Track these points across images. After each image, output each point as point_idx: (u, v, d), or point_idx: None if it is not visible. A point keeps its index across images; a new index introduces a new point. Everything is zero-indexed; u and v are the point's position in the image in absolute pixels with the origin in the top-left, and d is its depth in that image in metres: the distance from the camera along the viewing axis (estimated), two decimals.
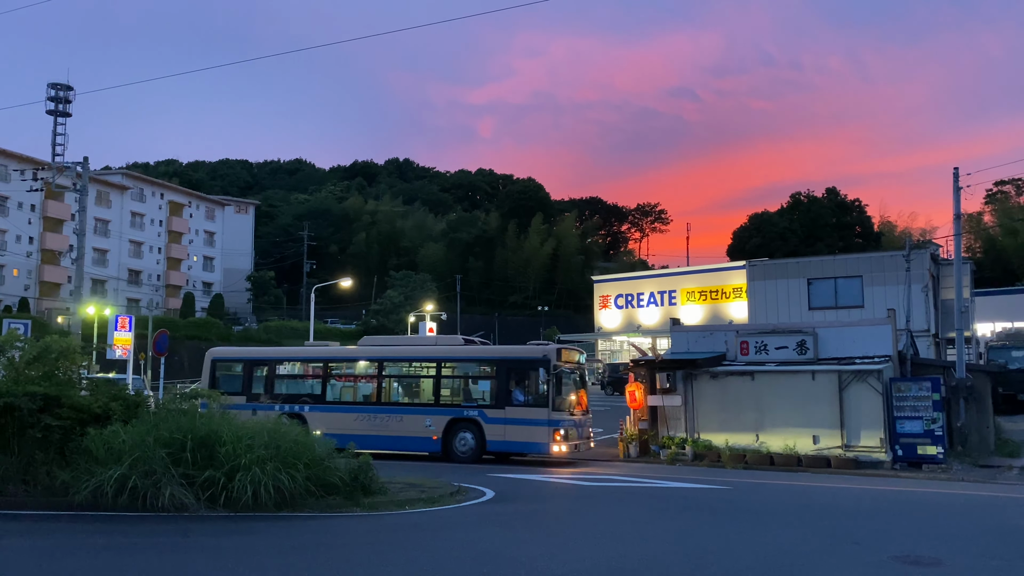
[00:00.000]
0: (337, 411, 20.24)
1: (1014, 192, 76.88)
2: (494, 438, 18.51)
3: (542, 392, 18.20)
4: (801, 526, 11.04)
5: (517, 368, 18.84)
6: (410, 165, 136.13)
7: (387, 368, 20.59)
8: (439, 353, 20.18)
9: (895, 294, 30.14)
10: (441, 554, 8.78)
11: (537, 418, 18.08)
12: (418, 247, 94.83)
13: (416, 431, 19.27)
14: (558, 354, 18.47)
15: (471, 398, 19.34)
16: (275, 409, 19.99)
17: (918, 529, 10.80)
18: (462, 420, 18.92)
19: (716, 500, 13.64)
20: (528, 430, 18.11)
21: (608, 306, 55.50)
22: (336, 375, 21.29)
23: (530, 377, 18.49)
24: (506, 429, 18.37)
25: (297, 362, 22.52)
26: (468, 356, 20.14)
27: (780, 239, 79.43)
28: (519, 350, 19.72)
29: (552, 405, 17.99)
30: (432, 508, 11.80)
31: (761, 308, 38.48)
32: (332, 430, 19.06)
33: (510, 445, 18.53)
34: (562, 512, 11.96)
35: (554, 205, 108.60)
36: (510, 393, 18.62)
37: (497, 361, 19.29)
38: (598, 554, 8.86)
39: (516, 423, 18.28)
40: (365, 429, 19.35)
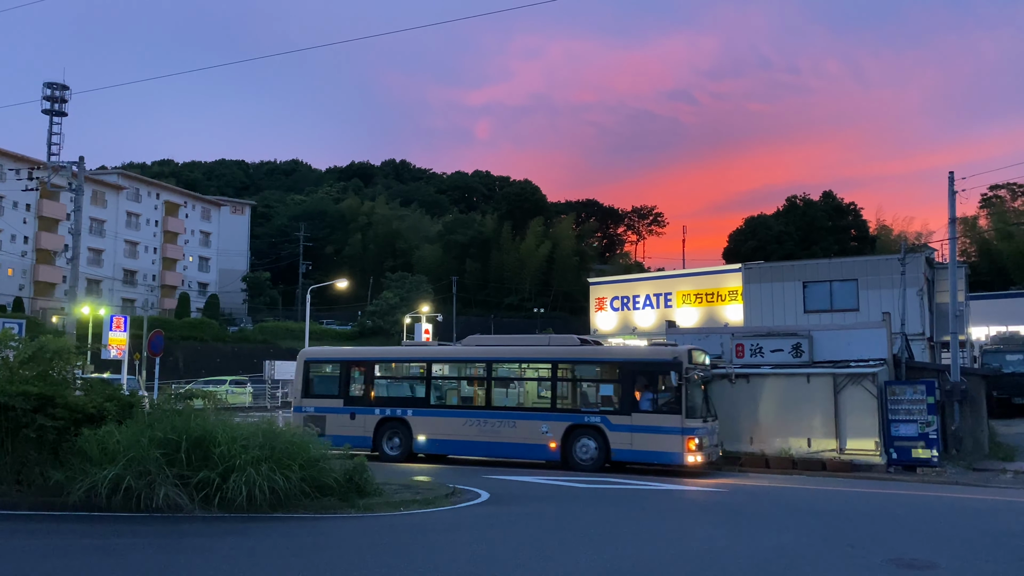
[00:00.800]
0: (443, 415, 19.12)
1: (1009, 196, 77.12)
2: (620, 446, 17.19)
3: (674, 397, 16.77)
4: (796, 528, 11.05)
5: (645, 371, 17.46)
6: (407, 166, 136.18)
7: (497, 370, 19.35)
8: (555, 355, 18.67)
9: (890, 298, 30.20)
10: (436, 555, 8.76)
11: (669, 425, 16.68)
12: (414, 248, 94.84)
13: (531, 438, 18.04)
14: (690, 356, 17.10)
15: (592, 403, 18.05)
16: (375, 413, 19.55)
17: (912, 532, 10.82)
18: (583, 427, 17.65)
19: (711, 502, 13.66)
20: (659, 438, 16.73)
21: (604, 308, 55.48)
22: (442, 377, 20.09)
23: (659, 381, 17.14)
24: (633, 437, 17.05)
25: (398, 362, 21.19)
26: (589, 358, 18.70)
27: (776, 242, 79.61)
28: (648, 352, 18.46)
29: (685, 411, 16.61)
30: (427, 510, 11.78)
31: (756, 311, 38.55)
32: (438, 435, 18.89)
33: (638, 454, 17.20)
34: (557, 514, 11.95)
35: (550, 207, 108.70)
36: (637, 398, 17.29)
37: (622, 364, 17.86)
38: (593, 556, 8.86)
39: (645, 431, 16.94)
40: (474, 435, 18.53)
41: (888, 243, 68.65)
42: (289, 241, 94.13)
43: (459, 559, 8.59)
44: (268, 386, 42.42)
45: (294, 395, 20.88)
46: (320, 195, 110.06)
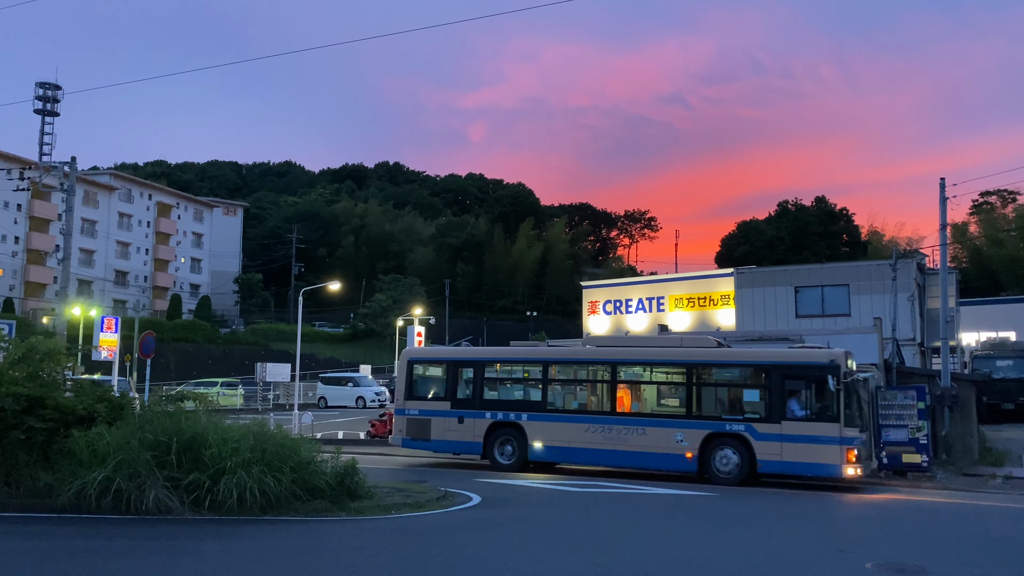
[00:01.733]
0: (561, 420, 17.87)
1: (999, 203, 77.52)
2: (768, 457, 15.80)
3: (830, 404, 15.40)
4: (786, 532, 11.08)
5: (796, 375, 16.07)
6: (400, 169, 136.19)
7: (623, 372, 17.95)
8: (692, 357, 17.31)
9: (881, 303, 30.32)
10: (427, 559, 8.75)
11: (826, 435, 15.29)
12: (407, 251, 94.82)
13: (663, 446, 16.67)
14: (846, 359, 15.82)
15: (734, 409, 16.67)
16: (485, 416, 18.44)
17: (902, 537, 10.86)
18: (723, 435, 16.25)
19: (703, 506, 13.68)
20: (814, 449, 15.36)
21: (596, 312, 55.53)
22: (560, 380, 18.79)
23: (813, 386, 15.76)
24: (783, 447, 15.66)
25: (511, 364, 19.91)
26: (732, 361, 17.43)
27: (768, 247, 79.87)
28: (799, 354, 16.84)
29: (843, 420, 15.25)
30: (418, 513, 11.76)
31: (748, 315, 38.63)
32: (555, 442, 17.70)
33: (789, 466, 15.82)
34: (548, 518, 11.95)
35: (544, 210, 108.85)
36: (786, 404, 15.90)
37: (771, 367, 16.34)
38: (584, 560, 8.86)
39: (797, 440, 15.55)
40: (597, 442, 17.24)
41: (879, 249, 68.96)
42: (282, 243, 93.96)
43: (450, 562, 8.58)
44: (260, 388, 42.31)
45: (396, 396, 19.99)
46: (313, 197, 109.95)
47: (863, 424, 16.10)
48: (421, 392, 19.49)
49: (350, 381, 43.32)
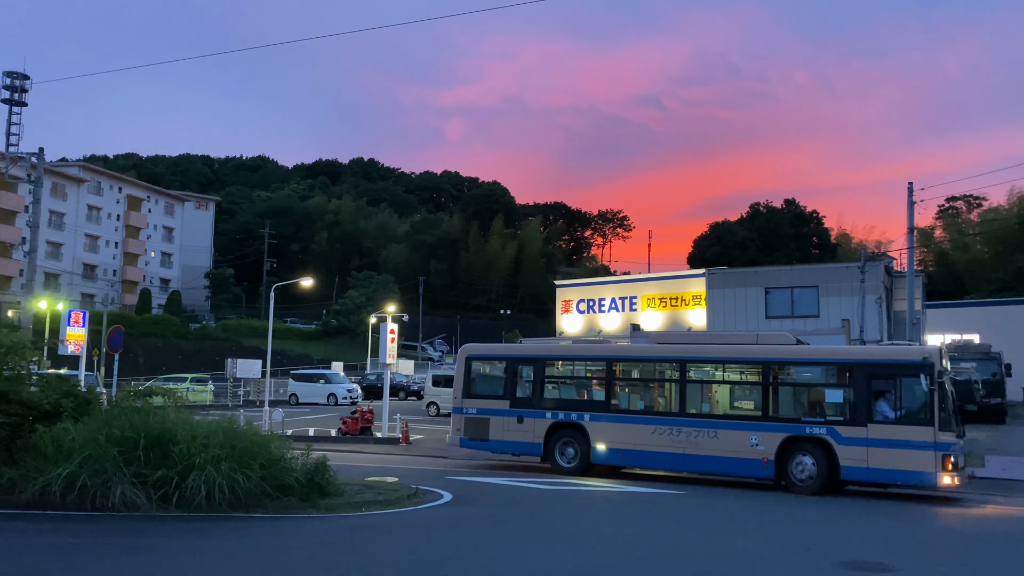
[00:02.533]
0: (626, 422, 16.87)
1: (965, 208, 78.96)
2: (852, 463, 14.54)
3: (924, 405, 14.16)
4: (754, 531, 11.22)
5: (884, 374, 14.77)
6: (375, 165, 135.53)
7: (693, 371, 16.81)
8: (769, 355, 16.06)
9: (850, 305, 30.79)
10: (397, 557, 8.75)
11: (919, 439, 14.01)
12: (381, 248, 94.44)
13: (737, 450, 15.54)
14: (940, 357, 14.51)
15: (815, 411, 15.36)
16: (545, 416, 17.62)
17: (866, 535, 11.03)
18: (803, 439, 15.06)
19: (673, 504, 13.80)
20: (905, 455, 14.10)
21: (570, 311, 55.77)
22: (624, 379, 17.90)
23: (903, 386, 14.49)
24: (869, 452, 14.40)
25: (574, 361, 18.95)
26: (813, 359, 16.21)
27: (739, 248, 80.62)
28: (889, 351, 15.76)
29: (938, 423, 13.99)
30: (389, 510, 11.74)
31: (719, 316, 39.03)
32: (620, 444, 16.74)
33: (877, 474, 14.50)
34: (520, 516, 11.99)
35: (519, 209, 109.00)
36: (873, 406, 14.60)
37: (856, 365, 15.03)
38: (556, 558, 8.91)
39: (885, 445, 14.29)
40: (665, 445, 16.20)
41: (849, 251, 69.91)
42: (254, 238, 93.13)
43: (420, 560, 8.58)
44: (230, 384, 41.90)
45: (454, 394, 19.32)
46: (286, 192, 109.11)
47: (960, 428, 14.82)
48: (480, 390, 18.75)
49: (322, 378, 43.09)
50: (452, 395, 19.40)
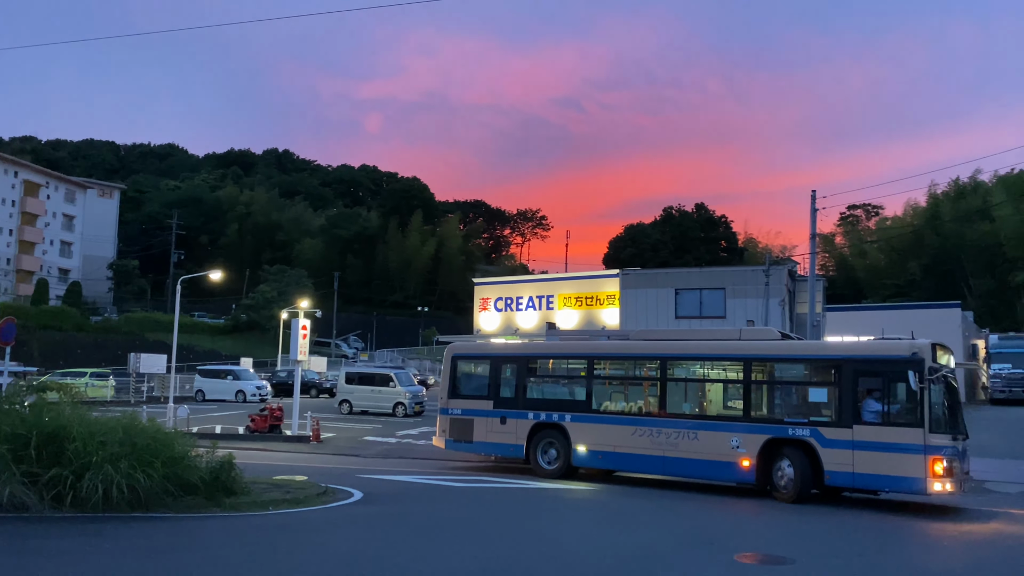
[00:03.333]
0: (607, 423, 15.99)
1: (864, 216, 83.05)
2: (837, 468, 13.43)
3: (913, 405, 13.02)
4: (663, 527, 11.51)
5: (871, 371, 13.67)
6: (290, 157, 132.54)
7: (674, 369, 15.93)
8: (751, 351, 15.08)
9: (755, 307, 31.93)
10: (304, 555, 8.62)
11: (907, 442, 12.88)
12: (295, 241, 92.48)
13: (717, 453, 14.56)
14: (933, 351, 13.31)
15: (799, 411, 14.31)
16: (527, 417, 16.86)
17: (771, 530, 11.44)
18: (785, 441, 13.98)
19: (583, 501, 14.01)
20: (892, 459, 12.99)
21: (488, 308, 55.93)
22: (605, 377, 16.95)
23: (892, 384, 13.41)
24: (855, 456, 13.31)
25: (556, 360, 17.96)
26: (797, 355, 15.17)
27: (652, 250, 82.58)
28: (875, 347, 14.32)
29: (928, 424, 12.83)
30: (297, 509, 11.54)
31: (632, 315, 39.88)
32: (601, 446, 15.91)
33: (862, 479, 13.36)
34: (431, 513, 11.97)
35: (438, 206, 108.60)
36: (859, 406, 13.50)
37: (842, 362, 13.94)
38: (466, 555, 8.94)
39: (872, 448, 13.17)
40: (645, 447, 15.30)
41: (755, 255, 72.46)
42: (161, 229, 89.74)
43: (328, 560, 8.48)
44: (132, 380, 40.25)
45: (440, 394, 18.71)
46: (196, 182, 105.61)
47: (958, 430, 13.50)
48: (464, 390, 18.18)
49: (230, 374, 41.90)
50: (438, 395, 18.93)
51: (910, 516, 12.92)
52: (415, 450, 21.90)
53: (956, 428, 13.44)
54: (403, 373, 34.83)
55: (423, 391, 34.62)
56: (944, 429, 13.15)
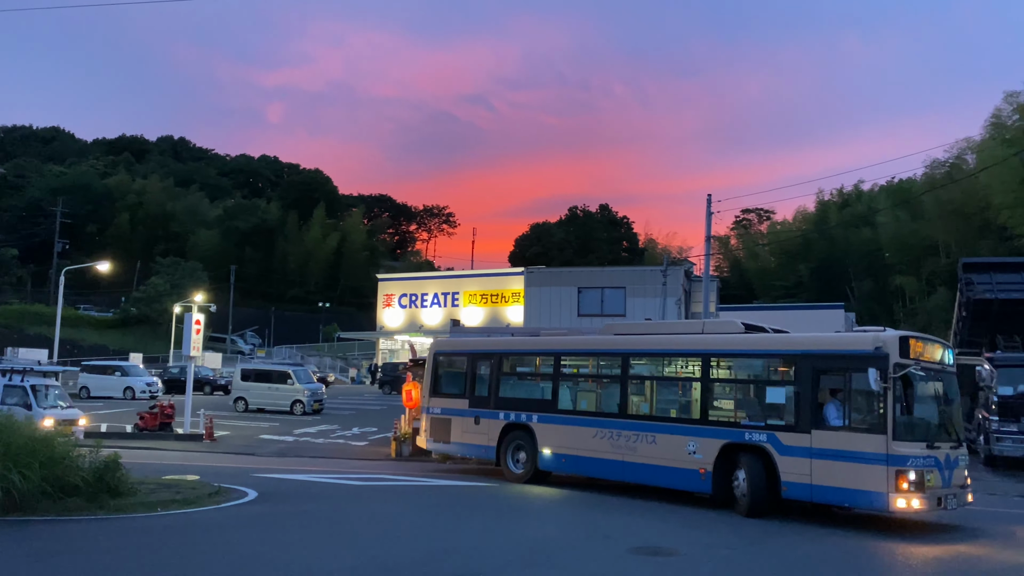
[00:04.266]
0: (571, 424, 14.87)
1: (756, 220, 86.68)
2: (794, 478, 11.73)
3: (874, 408, 11.25)
4: (560, 521, 11.72)
5: (831, 367, 11.95)
6: (186, 144, 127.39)
7: (635, 366, 14.62)
8: (708, 345, 13.64)
9: (653, 305, 32.89)
10: (194, 558, 8.35)
11: (867, 450, 11.12)
12: (190, 233, 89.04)
13: (674, 458, 13.18)
14: (902, 345, 11.44)
15: (755, 413, 12.68)
16: (499, 417, 15.88)
17: (664, 523, 11.75)
18: (742, 447, 12.45)
19: (483, 497, 14.08)
20: (852, 470, 11.24)
21: (392, 305, 55.51)
22: (570, 374, 15.83)
23: (853, 382, 11.57)
24: (812, 465, 11.58)
25: (528, 355, 16.81)
26: (753, 350, 13.29)
27: (557, 249, 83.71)
28: (836, 340, 12.74)
29: (893, 430, 11.01)
30: (188, 510, 11.17)
31: (536, 312, 40.43)
32: (565, 449, 14.84)
33: (820, 492, 11.56)
34: (329, 512, 11.80)
35: (342, 199, 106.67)
36: (819, 407, 11.83)
37: (800, 357, 12.25)
38: (363, 554, 8.87)
39: (830, 457, 11.44)
40: (606, 451, 14.16)
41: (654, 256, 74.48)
42: (44, 216, 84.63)
43: (219, 561, 8.25)
44: None
45: (422, 392, 17.98)
46: (84, 168, 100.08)
47: (942, 436, 11.72)
48: (444, 388, 17.38)
49: (117, 370, 40.00)
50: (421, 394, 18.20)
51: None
52: (314, 448, 21.54)
53: (937, 434, 11.62)
54: (302, 370, 34.09)
55: (323, 388, 34.00)
56: (916, 436, 11.28)
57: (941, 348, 12.36)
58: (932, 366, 11.91)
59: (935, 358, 12.10)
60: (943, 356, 12.30)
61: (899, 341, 11.44)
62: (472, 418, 16.39)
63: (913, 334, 12.05)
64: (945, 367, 12.27)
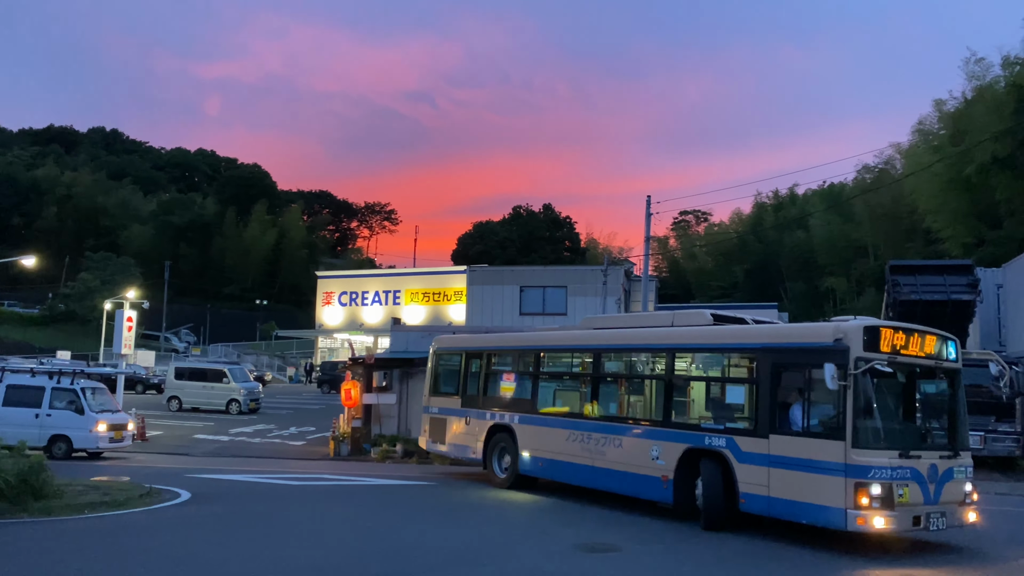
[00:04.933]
0: (547, 425, 13.86)
1: (694, 222, 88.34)
2: (752, 488, 10.24)
3: (833, 410, 9.65)
4: (500, 519, 11.74)
5: (791, 364, 10.33)
6: (119, 136, 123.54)
7: (606, 363, 13.52)
8: (670, 339, 12.35)
9: (594, 304, 33.25)
10: (122, 561, 8.13)
11: (823, 459, 9.49)
12: (123, 228, 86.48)
13: (637, 464, 11.92)
14: (869, 337, 9.63)
15: (716, 414, 11.36)
16: (486, 417, 15.04)
17: (604, 519, 11.86)
18: (703, 452, 10.98)
19: (421, 496, 14.02)
20: (807, 481, 9.64)
21: (332, 303, 54.84)
22: (548, 372, 14.78)
23: (813, 380, 9.93)
24: (771, 475, 10.06)
25: (508, 353, 15.76)
26: (715, 344, 11.81)
27: (500, 248, 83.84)
28: (794, 332, 11.04)
29: (853, 435, 9.32)
30: (117, 512, 10.89)
31: (478, 311, 40.45)
32: (541, 452, 13.81)
33: (778, 505, 9.98)
34: (264, 513, 11.62)
35: (281, 195, 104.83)
36: (780, 409, 10.27)
37: (760, 352, 10.70)
38: (298, 554, 8.76)
39: (787, 465, 9.89)
40: (576, 454, 13.02)
41: (595, 256, 75.28)
42: None
43: (149, 564, 8.05)
44: None
45: (424, 392, 17.34)
46: (9, 159, 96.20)
47: (919, 442, 9.91)
48: (443, 387, 16.73)
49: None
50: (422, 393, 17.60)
51: None
52: (250, 448, 21.20)
53: (916, 441, 9.89)
54: (238, 368, 33.45)
55: (260, 387, 33.43)
56: (885, 442, 9.53)
57: (938, 341, 10.38)
58: (919, 361, 10.14)
59: (926, 351, 10.19)
60: (941, 350, 10.38)
61: (864, 332, 9.64)
62: (463, 418, 15.71)
63: (889, 323, 10.17)
64: (941, 363, 10.39)
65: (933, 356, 10.28)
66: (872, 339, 9.65)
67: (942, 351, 10.43)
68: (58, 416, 17.89)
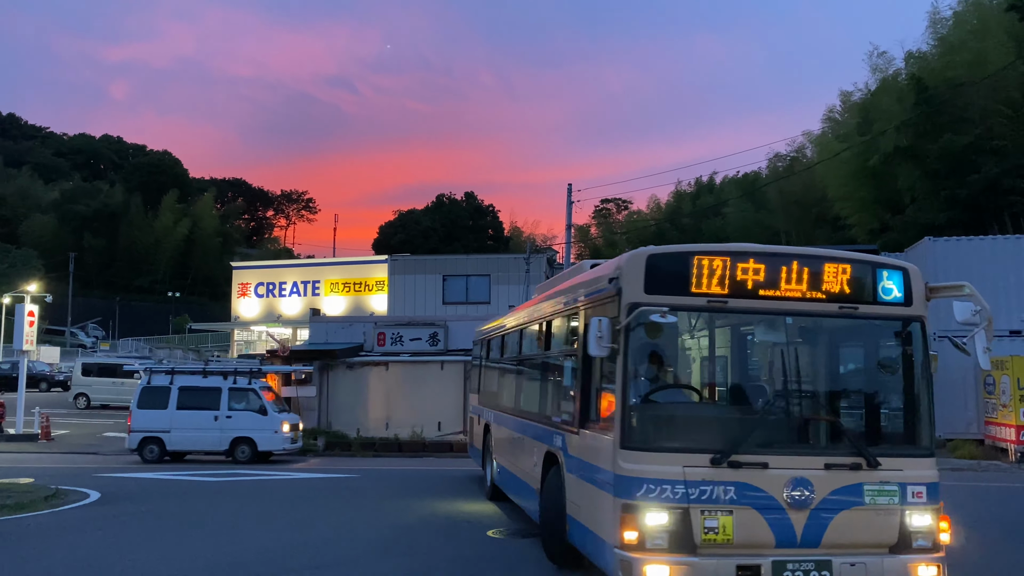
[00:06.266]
0: (504, 421, 11.30)
1: (615, 210, 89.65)
2: (571, 508, 7.25)
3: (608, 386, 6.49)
4: (420, 508, 11.66)
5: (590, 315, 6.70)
6: (16, 121, 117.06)
7: (524, 343, 10.48)
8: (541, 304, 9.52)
9: (517, 292, 33.32)
10: (24, 565, 7.71)
11: (598, 464, 6.41)
12: (22, 217, 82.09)
13: (524, 470, 9.52)
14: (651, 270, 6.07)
15: (562, 399, 8.11)
16: (482, 415, 13.41)
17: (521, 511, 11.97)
18: (550, 456, 8.10)
19: (341, 488, 13.86)
20: (589, 498, 6.70)
21: (248, 294, 53.45)
22: (510, 358, 11.61)
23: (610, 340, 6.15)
24: (578, 489, 7.08)
25: (504, 337, 12.03)
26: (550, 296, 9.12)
27: (423, 237, 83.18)
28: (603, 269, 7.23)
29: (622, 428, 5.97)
30: (20, 515, 10.37)
31: (400, 301, 40.06)
32: (499, 457, 11.58)
33: (578, 534, 7.02)
34: (178, 511, 11.22)
35: (193, 183, 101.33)
36: (592, 387, 6.94)
37: (577, 307, 7.50)
38: (214, 551, 8.50)
39: (579, 472, 7.02)
40: (505, 454, 11.04)
41: (519, 244, 75.69)
42: None
43: (54, 567, 7.66)
44: None
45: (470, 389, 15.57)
46: None
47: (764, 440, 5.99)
48: (478, 382, 14.60)
49: None
50: None
51: None
52: None
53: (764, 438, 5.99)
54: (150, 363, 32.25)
55: None
56: (683, 439, 6.05)
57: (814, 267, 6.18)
58: (782, 306, 6.12)
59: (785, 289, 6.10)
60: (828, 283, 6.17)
61: (646, 263, 6.14)
62: (477, 416, 14.27)
63: (702, 247, 6.21)
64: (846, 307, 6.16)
65: (805, 298, 6.12)
66: (660, 275, 6.06)
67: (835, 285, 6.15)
68: (239, 418, 17.26)
